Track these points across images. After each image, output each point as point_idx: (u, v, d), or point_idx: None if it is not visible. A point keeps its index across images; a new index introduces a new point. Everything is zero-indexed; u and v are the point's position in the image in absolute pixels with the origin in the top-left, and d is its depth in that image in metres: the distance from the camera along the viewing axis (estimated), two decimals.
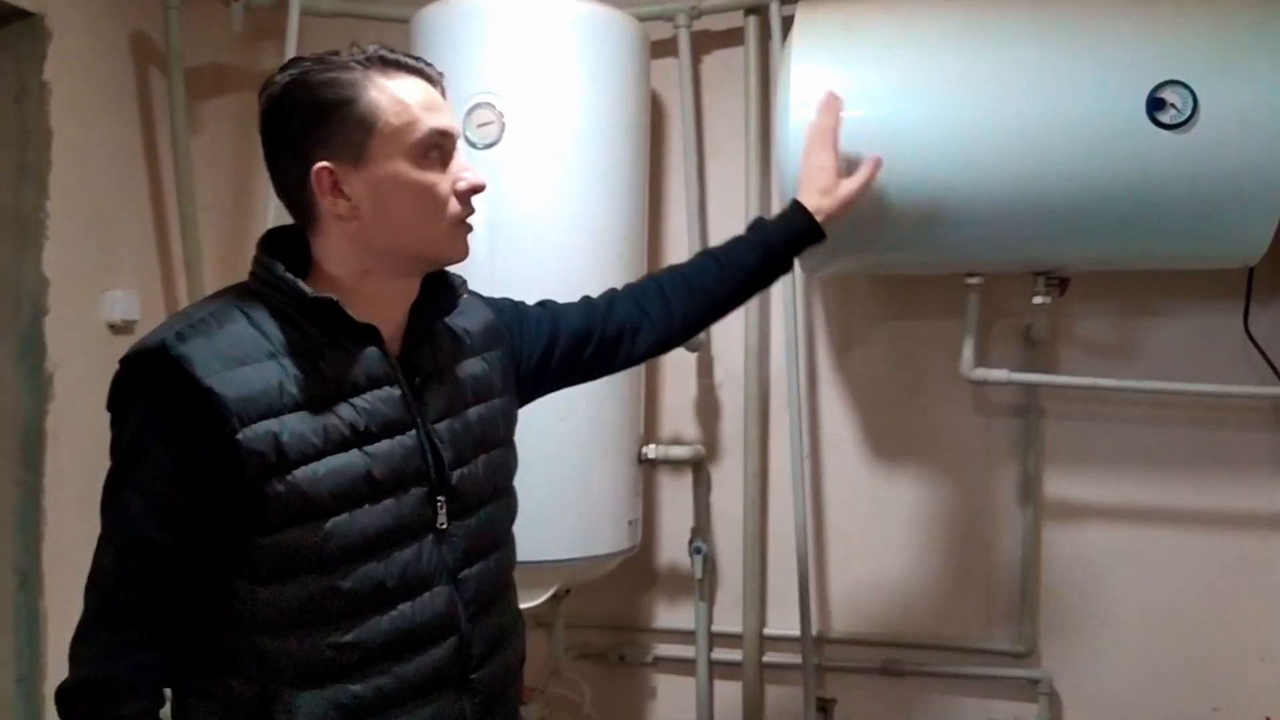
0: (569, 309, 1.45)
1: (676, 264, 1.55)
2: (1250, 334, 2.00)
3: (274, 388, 1.06)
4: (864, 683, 2.25)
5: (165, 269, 2.42)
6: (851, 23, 1.81)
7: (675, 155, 2.31)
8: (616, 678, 2.37)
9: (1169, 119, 1.63)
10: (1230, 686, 2.06)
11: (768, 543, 2.28)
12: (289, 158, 1.12)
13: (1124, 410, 2.10)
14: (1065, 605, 2.15)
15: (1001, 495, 2.18)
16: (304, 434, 1.07)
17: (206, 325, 1.07)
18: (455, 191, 1.16)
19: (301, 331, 1.11)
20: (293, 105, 1.11)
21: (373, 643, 1.12)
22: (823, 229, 1.53)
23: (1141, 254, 1.84)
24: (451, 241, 1.18)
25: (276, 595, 1.08)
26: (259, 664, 1.09)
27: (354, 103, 1.09)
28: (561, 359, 1.41)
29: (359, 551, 1.10)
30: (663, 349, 1.51)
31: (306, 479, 1.07)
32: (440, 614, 1.17)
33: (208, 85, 2.50)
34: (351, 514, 1.10)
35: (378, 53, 1.13)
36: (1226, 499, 2.06)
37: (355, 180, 1.11)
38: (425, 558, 1.16)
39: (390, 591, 1.12)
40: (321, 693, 1.09)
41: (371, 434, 1.12)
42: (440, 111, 1.15)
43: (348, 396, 1.11)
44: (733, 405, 2.30)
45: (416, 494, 1.16)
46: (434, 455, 1.18)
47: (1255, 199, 1.64)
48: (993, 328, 2.13)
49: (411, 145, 1.12)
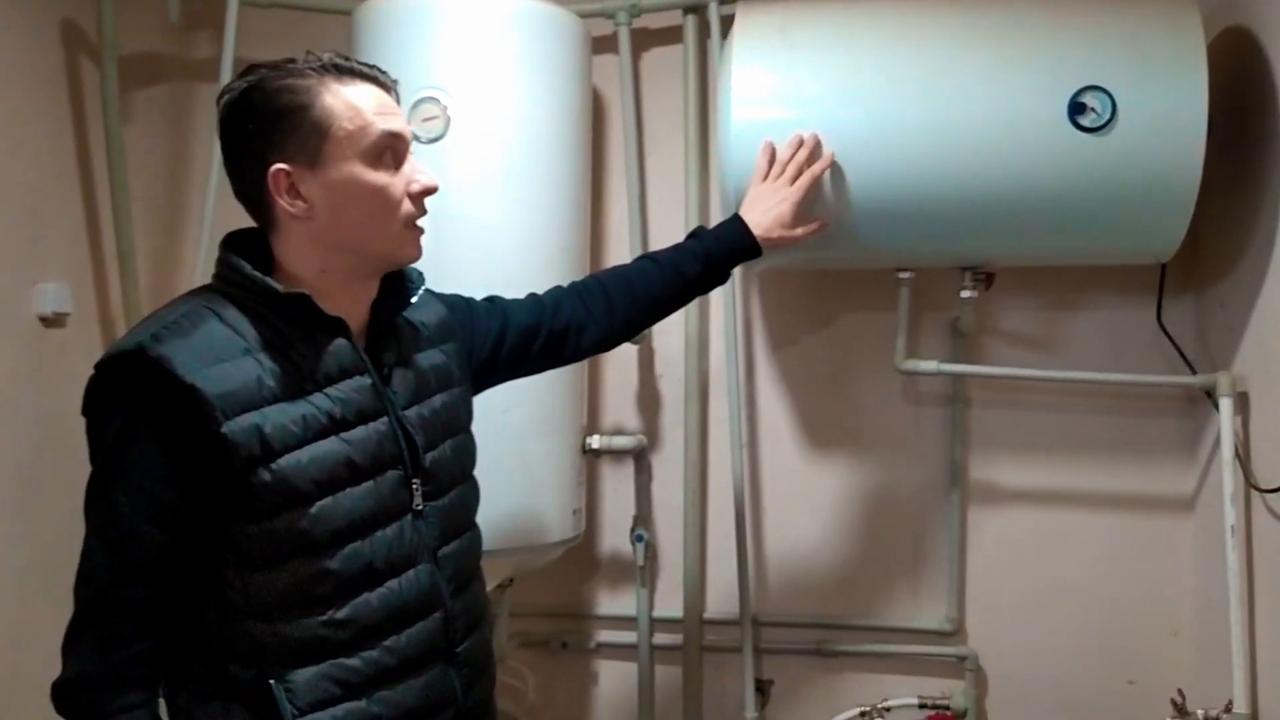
0: (517, 305, 1.52)
1: (620, 265, 1.63)
2: (1163, 326, 2.10)
3: (253, 382, 1.11)
4: (799, 663, 2.31)
5: (97, 261, 2.38)
6: (787, 25, 1.86)
7: (615, 151, 2.35)
8: (559, 664, 2.41)
9: (1089, 122, 1.71)
10: (1145, 661, 2.16)
11: (707, 530, 2.33)
12: (247, 161, 1.17)
13: (1045, 399, 2.19)
14: (990, 585, 2.24)
15: (930, 481, 2.26)
16: (285, 424, 1.12)
17: (180, 326, 1.12)
18: (408, 193, 1.21)
19: (273, 327, 1.16)
20: (250, 111, 1.16)
21: (366, 619, 1.17)
22: (760, 248, 1.62)
23: (1063, 250, 1.92)
24: (403, 242, 1.24)
25: (267, 581, 1.13)
26: (255, 648, 1.14)
27: (309, 108, 1.15)
28: (510, 352, 1.48)
29: (344, 534, 1.16)
30: (606, 346, 1.60)
31: (291, 467, 1.12)
32: (425, 589, 1.23)
33: (140, 75, 2.46)
34: (335, 498, 1.15)
35: (332, 60, 1.18)
36: (1140, 483, 2.16)
37: (311, 182, 1.16)
38: (406, 537, 1.22)
39: (378, 570, 1.18)
40: (319, 669, 1.14)
41: (348, 422, 1.18)
42: (393, 116, 1.21)
43: (323, 387, 1.17)
44: (673, 396, 2.34)
45: (393, 477, 1.21)
46: (406, 440, 1.23)
47: (1170, 199, 1.73)
48: (922, 321, 2.20)
49: (365, 148, 1.17)
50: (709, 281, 1.63)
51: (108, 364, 1.11)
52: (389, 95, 1.22)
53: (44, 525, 2.14)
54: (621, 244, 2.32)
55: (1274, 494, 1.72)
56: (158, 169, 2.50)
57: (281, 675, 1.13)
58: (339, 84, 1.17)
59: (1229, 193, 1.88)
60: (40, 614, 2.08)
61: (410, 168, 1.22)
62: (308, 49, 1.21)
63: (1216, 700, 1.85)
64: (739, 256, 1.62)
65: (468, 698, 1.28)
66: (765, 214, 1.64)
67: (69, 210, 2.31)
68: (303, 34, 2.28)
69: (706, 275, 1.61)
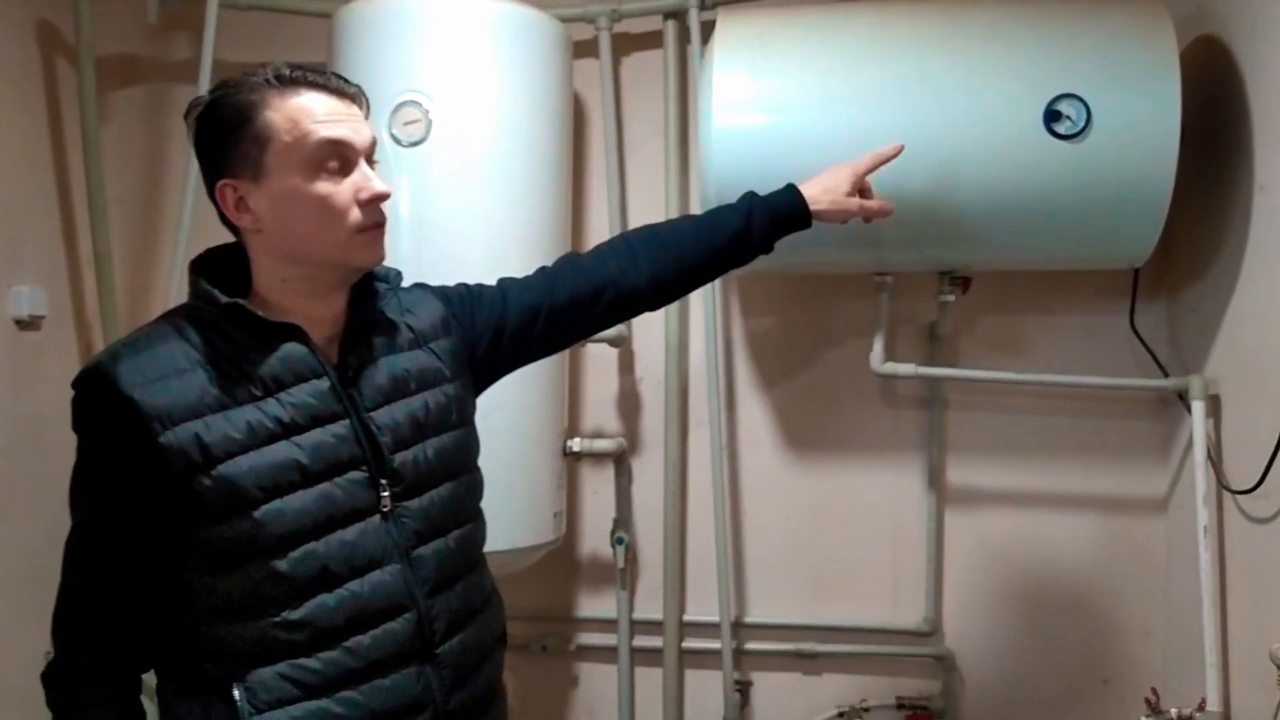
0: (521, 285, 1.45)
1: (653, 223, 1.54)
2: (1136, 330, 2.13)
3: (195, 392, 1.15)
4: (779, 665, 2.33)
5: (73, 264, 2.37)
6: (768, 32, 1.88)
7: (596, 154, 2.36)
8: (539, 667, 2.41)
9: (1065, 130, 1.74)
10: (1118, 660, 2.19)
11: (687, 532, 2.34)
12: (208, 176, 1.21)
13: (1020, 402, 2.22)
14: (967, 586, 2.27)
15: (907, 483, 2.28)
16: (227, 432, 1.14)
17: (138, 344, 1.17)
18: (357, 200, 1.20)
19: (228, 337, 1.19)
20: (205, 126, 1.20)
21: (324, 621, 1.18)
22: (810, 216, 1.52)
23: (1038, 255, 1.95)
24: (355, 248, 1.22)
25: (223, 584, 1.17)
26: (220, 648, 1.17)
27: (250, 122, 1.17)
28: (512, 339, 1.42)
29: (295, 536, 1.16)
30: (628, 308, 1.48)
31: (233, 473, 1.14)
32: (392, 591, 1.22)
33: (117, 76, 2.45)
34: (284, 500, 1.16)
35: (277, 71, 1.19)
36: (1114, 484, 2.19)
37: (257, 195, 1.18)
38: (370, 538, 1.21)
39: (335, 572, 1.18)
40: (276, 669, 1.16)
41: (299, 425, 1.18)
42: (337, 123, 1.19)
43: (274, 392, 1.18)
44: (653, 400, 2.36)
45: (355, 478, 1.21)
46: (370, 441, 1.23)
47: (1143, 205, 1.76)
48: (899, 325, 2.23)
49: (304, 159, 1.17)
50: (749, 245, 1.50)
51: (76, 382, 1.17)
52: (343, 102, 1.21)
53: (19, 527, 2.12)
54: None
55: (1246, 495, 1.75)
56: (135, 171, 2.49)
57: (242, 675, 1.16)
58: (284, 95, 1.17)
59: (1200, 199, 1.92)
60: (17, 615, 2.07)
61: (360, 175, 1.21)
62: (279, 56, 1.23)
63: (1189, 699, 1.88)
64: (784, 221, 1.51)
65: (450, 699, 1.26)
66: (819, 184, 1.55)
67: (45, 212, 2.30)
68: (283, 37, 2.29)
69: (746, 237, 1.48)
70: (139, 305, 2.46)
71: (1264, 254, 1.74)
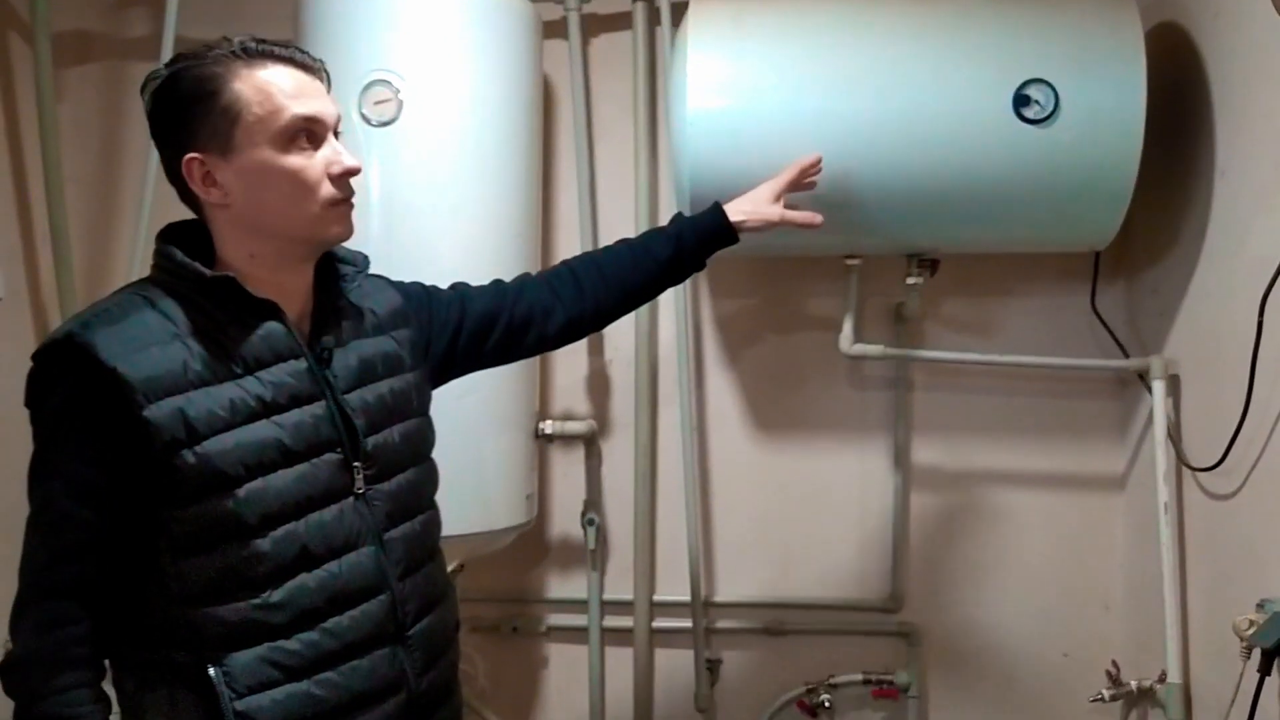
0: (478, 292, 1.50)
1: (592, 250, 1.62)
2: (1097, 311, 2.18)
3: (178, 366, 1.12)
4: (748, 642, 2.36)
5: (28, 243, 2.32)
6: (740, 16, 1.88)
7: (565, 136, 2.34)
8: (510, 649, 2.42)
9: (1033, 114, 1.77)
10: (1079, 634, 2.25)
11: (657, 513, 2.35)
12: (169, 151, 1.19)
13: (984, 382, 2.26)
14: (932, 562, 2.31)
15: (874, 462, 2.31)
16: (211, 408, 1.13)
17: (110, 314, 1.14)
18: (329, 175, 1.20)
19: (205, 313, 1.17)
20: (166, 100, 1.18)
21: (304, 602, 1.18)
22: (736, 233, 1.59)
23: (1005, 238, 1.98)
24: (326, 222, 1.22)
25: (199, 567, 1.15)
26: (193, 633, 1.15)
27: (218, 95, 1.15)
28: (468, 342, 1.46)
29: (276, 516, 1.16)
30: (575, 333, 1.55)
31: (216, 451, 1.12)
32: (368, 572, 1.23)
33: (73, 52, 2.39)
34: (266, 480, 1.16)
35: (244, 44, 1.18)
36: (1074, 463, 2.25)
37: (225, 169, 1.17)
38: (347, 519, 1.22)
39: (315, 553, 1.19)
40: (256, 651, 1.15)
41: (280, 405, 1.18)
42: (308, 98, 1.19)
43: (254, 370, 1.17)
44: (623, 381, 2.36)
45: (331, 459, 1.21)
46: (345, 423, 1.23)
47: (1108, 188, 1.80)
48: (866, 306, 2.25)
49: (276, 133, 1.17)
50: (682, 266, 1.59)
51: (40, 353, 1.13)
52: (309, 76, 1.21)
53: None
54: (572, 230, 2.32)
55: (1207, 472, 1.80)
56: (92, 148, 2.43)
57: (220, 659, 1.14)
58: (251, 68, 1.16)
59: (1161, 182, 1.95)
60: None
61: (331, 149, 1.21)
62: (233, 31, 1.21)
63: (1149, 671, 1.94)
64: (711, 239, 1.59)
65: (420, 681, 1.28)
66: (745, 199, 1.62)
67: None
68: (246, 15, 2.24)
69: (679, 259, 1.57)
70: (96, 285, 2.41)
71: (1224, 236, 1.78)
